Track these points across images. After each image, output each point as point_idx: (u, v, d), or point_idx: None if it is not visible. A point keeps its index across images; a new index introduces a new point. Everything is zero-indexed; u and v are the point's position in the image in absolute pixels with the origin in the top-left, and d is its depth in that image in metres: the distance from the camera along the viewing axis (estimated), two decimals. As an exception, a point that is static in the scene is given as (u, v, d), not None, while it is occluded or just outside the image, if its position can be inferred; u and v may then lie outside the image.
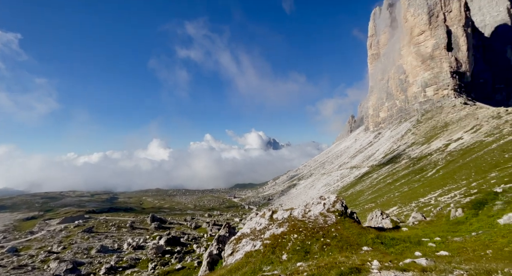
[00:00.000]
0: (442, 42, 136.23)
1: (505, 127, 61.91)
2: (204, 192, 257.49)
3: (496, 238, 7.32)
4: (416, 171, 78.07)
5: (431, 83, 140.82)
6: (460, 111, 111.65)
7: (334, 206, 11.63)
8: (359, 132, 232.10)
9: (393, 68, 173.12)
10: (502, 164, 37.91)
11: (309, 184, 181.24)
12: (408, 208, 42.17)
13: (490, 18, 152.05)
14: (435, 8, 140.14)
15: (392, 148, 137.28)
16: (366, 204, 68.47)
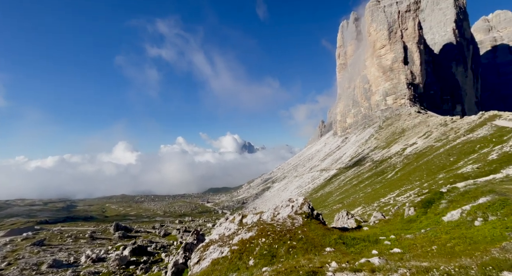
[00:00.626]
0: (399, 56, 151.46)
1: (451, 134, 70.81)
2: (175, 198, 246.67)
3: (440, 234, 8.30)
4: (378, 173, 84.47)
5: (391, 92, 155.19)
6: (414, 119, 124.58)
7: (301, 208, 12.13)
8: (328, 137, 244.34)
9: (359, 78, 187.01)
10: (448, 166, 43.18)
11: (282, 187, 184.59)
12: (370, 208, 45.45)
13: (439, 37, 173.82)
14: (394, 25, 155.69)
15: (357, 152, 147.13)
16: (334, 205, 71.94)
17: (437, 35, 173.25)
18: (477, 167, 30.84)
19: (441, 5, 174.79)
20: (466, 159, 38.22)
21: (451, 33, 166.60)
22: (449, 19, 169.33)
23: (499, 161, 28.53)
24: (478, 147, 40.27)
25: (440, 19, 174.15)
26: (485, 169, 28.04)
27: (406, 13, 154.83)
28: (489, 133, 44.93)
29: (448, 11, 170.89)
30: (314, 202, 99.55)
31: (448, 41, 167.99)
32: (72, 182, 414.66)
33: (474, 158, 36.18)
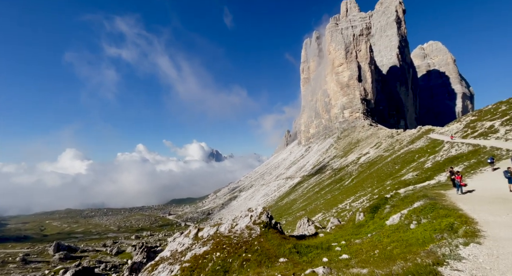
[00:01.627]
0: (355, 74, 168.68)
1: (396, 145, 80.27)
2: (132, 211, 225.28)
3: (382, 238, 8.95)
4: (337, 180, 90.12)
5: (348, 106, 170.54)
6: (367, 131, 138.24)
7: (260, 218, 12.07)
8: (293, 146, 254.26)
9: (320, 92, 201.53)
10: (394, 174, 48.38)
11: (249, 196, 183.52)
12: (329, 214, 47.85)
13: (386, 59, 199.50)
14: (350, 46, 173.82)
15: (319, 160, 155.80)
16: (298, 212, 73.87)
17: (384, 58, 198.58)
18: (416, 174, 35.18)
19: (387, 33, 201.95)
20: (408, 167, 43.38)
21: (396, 57, 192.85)
22: (394, 45, 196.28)
23: (433, 169, 33.06)
24: (417, 157, 46.27)
25: (387, 44, 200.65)
26: (422, 176, 32.15)
27: (359, 36, 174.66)
28: (425, 145, 52.19)
29: (393, 38, 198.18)
30: (280, 209, 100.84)
31: (393, 64, 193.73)
32: (3, 196, 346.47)
33: (414, 166, 41.26)
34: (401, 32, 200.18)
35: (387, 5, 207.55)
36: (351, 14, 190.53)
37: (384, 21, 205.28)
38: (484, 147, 30.10)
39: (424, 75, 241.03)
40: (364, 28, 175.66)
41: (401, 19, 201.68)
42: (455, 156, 32.42)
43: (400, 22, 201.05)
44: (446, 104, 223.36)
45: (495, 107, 49.19)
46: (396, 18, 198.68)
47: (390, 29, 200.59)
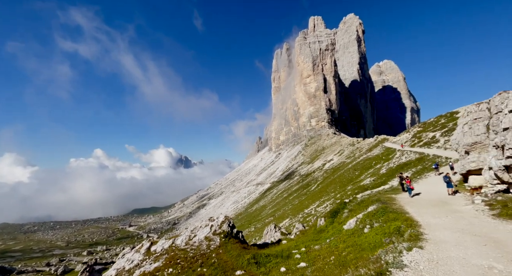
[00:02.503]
0: (321, 86, 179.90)
1: (357, 152, 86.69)
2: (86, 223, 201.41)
3: (339, 243, 9.14)
4: (304, 186, 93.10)
5: (314, 115, 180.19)
6: (331, 139, 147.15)
7: (221, 227, 11.54)
8: (264, 152, 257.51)
9: (290, 101, 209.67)
10: (354, 179, 51.85)
11: (219, 203, 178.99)
12: (296, 219, 48.76)
13: (348, 74, 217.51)
14: (317, 60, 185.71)
15: (288, 167, 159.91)
16: (267, 218, 73.86)
17: (347, 73, 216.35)
18: (373, 179, 38.12)
19: (349, 49, 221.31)
20: (366, 173, 46.85)
21: (356, 73, 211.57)
22: (355, 61, 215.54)
23: (387, 175, 36.23)
24: (374, 163, 50.39)
25: (349, 60, 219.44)
26: (378, 181, 34.94)
27: (325, 51, 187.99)
28: (380, 152, 57.31)
29: (354, 55, 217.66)
30: (249, 216, 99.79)
31: (354, 78, 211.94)
32: None
33: (371, 172, 44.73)
34: (361, 49, 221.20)
35: (349, 25, 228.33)
36: (318, 30, 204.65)
37: (346, 39, 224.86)
38: (428, 155, 34.08)
39: (380, 90, 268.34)
40: (329, 43, 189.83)
41: (361, 38, 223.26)
42: (405, 163, 36.01)
43: (360, 41, 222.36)
44: (398, 116, 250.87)
45: (436, 120, 56.74)
46: (357, 37, 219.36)
47: (351, 47, 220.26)
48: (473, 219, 7.86)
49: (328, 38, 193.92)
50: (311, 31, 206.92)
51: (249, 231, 67.35)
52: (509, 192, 9.97)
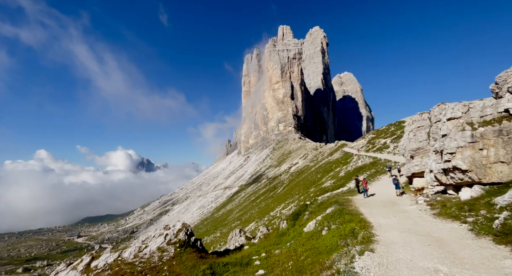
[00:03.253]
0: (288, 92, 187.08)
1: (319, 156, 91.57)
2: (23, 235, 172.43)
3: (298, 247, 9.02)
4: (271, 188, 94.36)
5: (282, 120, 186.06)
6: (297, 143, 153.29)
7: (177, 236, 10.60)
8: (233, 155, 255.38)
9: (259, 105, 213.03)
10: (317, 181, 54.36)
11: (183, 209, 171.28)
12: (262, 222, 48.78)
13: (313, 83, 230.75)
14: (285, 67, 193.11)
15: (256, 170, 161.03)
16: (233, 222, 72.56)
17: (312, 81, 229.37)
18: (333, 182, 40.34)
19: (315, 60, 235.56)
20: (327, 176, 49.48)
21: (320, 82, 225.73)
22: (319, 71, 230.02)
23: (345, 177, 38.72)
24: (334, 167, 53.62)
25: (314, 70, 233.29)
26: (337, 184, 37.08)
27: (293, 59, 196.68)
28: (340, 156, 61.41)
29: (319, 65, 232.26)
30: (216, 221, 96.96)
31: (318, 87, 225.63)
32: None
33: (332, 175, 47.39)
34: (325, 61, 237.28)
35: (315, 37, 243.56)
36: (286, 39, 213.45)
37: (312, 49, 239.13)
38: (380, 159, 37.46)
39: (340, 99, 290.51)
40: (296, 53, 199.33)
41: (325, 50, 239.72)
42: (361, 166, 38.97)
43: (324, 53, 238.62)
44: (355, 124, 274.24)
45: (387, 128, 63.25)
46: (321, 49, 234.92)
47: (316, 57, 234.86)
48: (418, 218, 8.59)
49: (296, 47, 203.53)
50: (280, 39, 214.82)
51: (215, 237, 65.42)
52: (446, 192, 11.27)
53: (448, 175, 9.88)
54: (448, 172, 9.78)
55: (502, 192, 7.19)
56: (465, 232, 6.31)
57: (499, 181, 7.92)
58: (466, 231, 6.35)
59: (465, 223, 6.81)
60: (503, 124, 7.68)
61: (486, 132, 8.05)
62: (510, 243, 4.75)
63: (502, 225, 5.23)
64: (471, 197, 8.61)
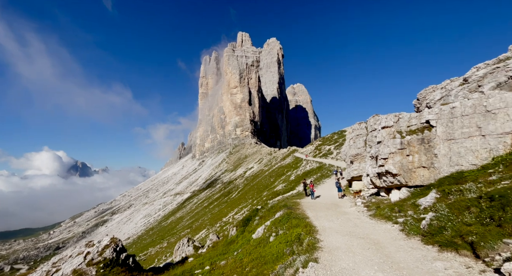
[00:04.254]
0: (246, 98, 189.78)
1: (273, 161, 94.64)
2: None
3: (244, 257, 8.42)
4: (225, 193, 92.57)
5: (240, 125, 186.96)
6: (253, 148, 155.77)
7: (102, 254, 8.76)
8: (187, 159, 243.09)
9: (217, 108, 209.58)
10: (269, 185, 55.62)
11: (125, 218, 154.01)
12: (213, 229, 46.93)
13: (269, 91, 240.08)
14: (243, 73, 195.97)
15: (211, 174, 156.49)
16: (183, 231, 68.17)
17: (268, 89, 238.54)
18: (284, 185, 41.76)
19: (271, 69, 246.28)
20: (279, 180, 51.11)
21: (276, 91, 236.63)
22: (275, 80, 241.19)
23: (295, 181, 40.55)
24: (286, 171, 55.91)
25: (270, 79, 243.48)
26: (288, 187, 38.50)
27: (251, 66, 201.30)
28: (291, 161, 64.57)
29: (275, 75, 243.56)
30: (163, 230, 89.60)
31: (274, 95, 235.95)
32: None
33: (283, 179, 49.13)
34: (280, 71, 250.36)
35: (272, 47, 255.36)
36: (245, 45, 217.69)
37: (269, 59, 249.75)
38: (325, 164, 40.57)
39: (293, 108, 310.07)
40: (255, 60, 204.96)
41: (280, 61, 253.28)
42: (309, 171, 41.46)
43: (280, 63, 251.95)
44: (305, 131, 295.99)
45: (331, 136, 69.72)
46: (277, 60, 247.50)
47: (273, 67, 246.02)
48: (357, 220, 9.12)
49: (254, 55, 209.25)
50: (239, 45, 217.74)
51: (161, 248, 60.42)
52: (379, 194, 12.52)
53: (382, 179, 10.94)
54: (381, 176, 10.82)
55: (424, 194, 8.19)
56: (397, 233, 6.86)
57: (421, 184, 9.11)
58: (398, 232, 6.91)
59: (396, 223, 7.47)
60: (425, 133, 8.90)
61: (411, 140, 9.20)
62: (436, 243, 5.24)
63: (428, 225, 5.82)
64: (400, 198, 9.67)
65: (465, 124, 7.87)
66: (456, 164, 7.96)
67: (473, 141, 7.70)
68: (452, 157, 8.07)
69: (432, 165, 8.61)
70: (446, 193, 6.66)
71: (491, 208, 4.70)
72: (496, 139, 7.31)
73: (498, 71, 9.65)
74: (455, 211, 5.36)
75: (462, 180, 7.02)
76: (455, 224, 5.07)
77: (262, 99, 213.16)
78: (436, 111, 8.73)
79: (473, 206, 5.10)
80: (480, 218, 4.76)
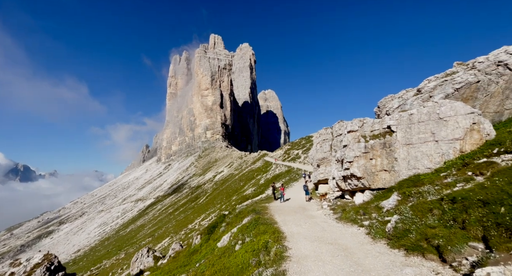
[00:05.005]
0: (218, 100, 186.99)
1: (244, 165, 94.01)
2: None
3: (206, 269, 7.66)
4: (192, 199, 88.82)
5: (210, 128, 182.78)
6: (224, 152, 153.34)
7: (31, 274, 7.17)
8: (151, 163, 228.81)
9: (186, 110, 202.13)
10: (239, 189, 54.77)
11: (76, 228, 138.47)
12: (178, 237, 44.20)
13: (241, 95, 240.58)
14: (215, 75, 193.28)
15: (177, 179, 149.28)
16: (144, 240, 63.30)
17: (240, 94, 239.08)
18: (254, 190, 41.44)
19: (243, 74, 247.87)
20: (249, 184, 50.70)
21: (248, 95, 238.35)
22: (247, 85, 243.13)
23: (265, 185, 40.54)
24: (256, 175, 55.80)
25: (243, 83, 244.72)
26: (257, 191, 38.24)
27: (223, 69, 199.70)
28: (261, 165, 64.84)
29: (247, 79, 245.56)
30: (120, 240, 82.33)
31: (246, 100, 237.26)
32: None
33: (253, 183, 48.86)
34: (252, 76, 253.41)
35: (244, 52, 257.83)
36: (218, 48, 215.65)
37: (242, 64, 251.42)
38: (293, 168, 41.48)
39: (264, 113, 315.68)
40: (227, 63, 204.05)
41: (253, 66, 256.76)
42: (278, 174, 41.93)
43: (252, 69, 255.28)
44: (276, 136, 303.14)
45: (299, 141, 72.24)
46: (250, 65, 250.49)
47: (245, 72, 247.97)
48: (324, 224, 9.07)
49: (227, 58, 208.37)
50: (211, 48, 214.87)
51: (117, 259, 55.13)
52: (344, 197, 12.88)
53: (347, 182, 11.24)
54: (346, 179, 11.12)
55: (385, 196, 8.52)
56: (364, 237, 6.86)
57: (383, 187, 9.53)
58: (365, 235, 6.93)
59: (362, 226, 7.54)
60: (386, 138, 9.38)
61: (374, 144, 9.61)
62: (402, 247, 5.26)
63: (394, 228, 5.89)
64: (364, 201, 9.99)
65: (421, 130, 8.48)
66: (413, 168, 8.49)
67: (428, 146, 8.30)
68: (410, 161, 8.60)
69: (392, 169, 9.07)
70: (406, 195, 6.95)
71: (453, 210, 4.87)
72: (448, 144, 7.98)
73: (446, 83, 10.73)
74: (418, 214, 5.51)
75: (419, 183, 7.42)
76: (419, 227, 5.17)
77: (234, 103, 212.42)
78: (396, 117, 9.29)
79: (436, 208, 5.28)
80: (443, 221, 4.90)
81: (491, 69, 10.25)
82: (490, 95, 10.24)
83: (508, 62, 9.76)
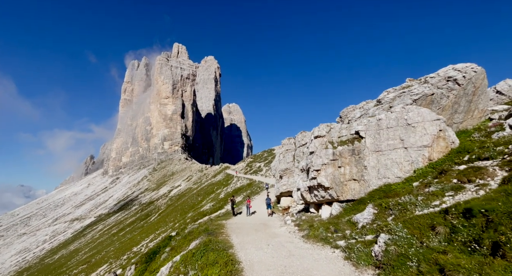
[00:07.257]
0: (179, 110, 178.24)
1: (203, 178, 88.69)
2: None
3: None
4: (142, 217, 79.18)
5: (169, 138, 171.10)
6: (183, 164, 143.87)
7: None
8: (95, 176, 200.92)
9: (142, 118, 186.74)
10: (196, 205, 50.33)
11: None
12: (118, 263, 37.54)
13: (205, 106, 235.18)
14: (177, 84, 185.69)
15: (126, 194, 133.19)
16: (77, 268, 53.09)
17: (204, 105, 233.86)
18: (212, 205, 38.26)
19: (208, 86, 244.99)
20: (208, 198, 47.11)
21: (212, 107, 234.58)
22: (211, 97, 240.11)
23: (225, 199, 37.83)
24: (216, 188, 52.47)
25: (207, 95, 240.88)
26: (216, 206, 35.26)
27: (186, 79, 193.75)
28: (222, 178, 61.78)
29: (211, 91, 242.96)
30: (46, 270, 68.23)
31: (209, 111, 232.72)
32: None
33: (212, 197, 45.51)
34: (217, 89, 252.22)
35: (209, 64, 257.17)
36: (181, 57, 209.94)
37: (206, 76, 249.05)
38: (255, 181, 40.06)
39: (228, 126, 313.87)
40: (191, 74, 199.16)
41: (217, 79, 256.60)
42: (239, 188, 39.86)
43: (217, 82, 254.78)
44: (239, 150, 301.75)
45: (261, 154, 72.15)
46: (215, 78, 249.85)
47: (210, 84, 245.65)
48: (290, 245, 7.50)
49: (191, 68, 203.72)
50: (175, 56, 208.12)
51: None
52: (309, 210, 11.78)
53: (313, 193, 10.19)
54: (313, 189, 10.07)
55: (356, 209, 7.57)
56: (343, 264, 5.39)
57: (352, 198, 8.67)
58: (343, 262, 5.47)
59: (336, 248, 6.16)
60: (355, 144, 8.73)
61: (343, 151, 8.87)
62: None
63: (384, 252, 4.52)
64: (331, 215, 8.95)
65: (390, 136, 8.05)
66: (383, 177, 7.87)
67: (397, 153, 7.84)
68: (380, 169, 7.99)
69: (362, 178, 8.34)
70: (383, 208, 6.03)
71: (471, 228, 3.75)
72: (416, 151, 7.62)
73: (404, 95, 10.95)
74: (415, 232, 4.35)
75: (391, 193, 6.66)
76: (422, 252, 3.89)
77: (197, 113, 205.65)
78: (364, 122, 8.79)
79: (439, 224, 4.19)
80: (457, 242, 3.69)
81: (442, 84, 10.90)
82: (442, 108, 10.75)
83: (457, 78, 10.47)
